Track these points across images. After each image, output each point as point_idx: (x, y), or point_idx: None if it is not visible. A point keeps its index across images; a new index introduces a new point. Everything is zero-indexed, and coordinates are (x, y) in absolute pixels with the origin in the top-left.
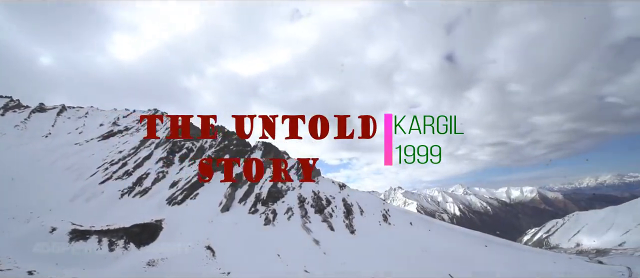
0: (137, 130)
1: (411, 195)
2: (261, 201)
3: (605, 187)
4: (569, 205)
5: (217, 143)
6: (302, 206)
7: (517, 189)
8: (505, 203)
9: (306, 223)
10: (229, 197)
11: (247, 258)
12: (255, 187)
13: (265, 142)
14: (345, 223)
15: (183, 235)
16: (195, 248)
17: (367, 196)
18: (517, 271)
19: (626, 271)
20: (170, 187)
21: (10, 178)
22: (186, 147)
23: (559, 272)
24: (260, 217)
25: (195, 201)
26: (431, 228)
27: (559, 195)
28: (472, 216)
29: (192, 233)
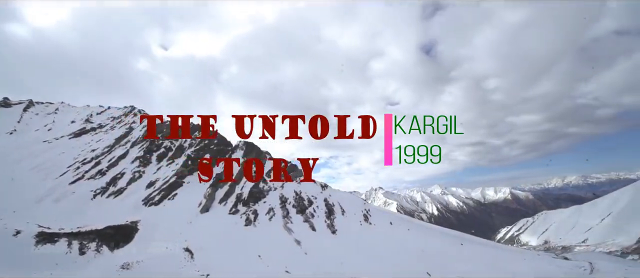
0: (111, 127)
1: (391, 196)
2: (242, 201)
3: (571, 187)
4: (538, 205)
5: (197, 143)
6: (283, 206)
7: (491, 189)
8: (480, 203)
9: (288, 223)
10: (208, 198)
11: (227, 260)
12: (236, 188)
13: (247, 142)
14: (327, 223)
15: (160, 237)
16: (173, 250)
17: (348, 196)
18: (490, 268)
19: (588, 266)
20: (147, 187)
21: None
22: (164, 146)
23: (529, 268)
24: (241, 218)
25: (173, 202)
26: (410, 228)
27: (529, 195)
28: (449, 215)
29: (169, 235)
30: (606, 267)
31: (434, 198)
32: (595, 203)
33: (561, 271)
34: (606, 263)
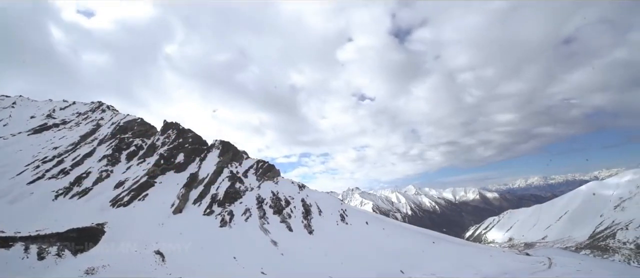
0: (77, 124)
1: (368, 196)
2: (217, 202)
3: (533, 187)
4: (504, 204)
5: (171, 141)
6: (260, 207)
7: (462, 190)
8: (451, 203)
9: (264, 224)
10: (182, 198)
11: (200, 262)
12: (212, 188)
13: (224, 141)
14: (304, 223)
15: (129, 240)
16: (143, 252)
17: (325, 196)
18: (459, 265)
19: (547, 261)
20: (116, 188)
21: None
22: (135, 145)
23: (495, 265)
24: (216, 219)
25: (144, 202)
26: (385, 227)
27: (496, 195)
28: (422, 215)
29: (139, 237)
30: (562, 261)
31: (409, 199)
32: (553, 203)
33: (523, 266)
34: (562, 258)
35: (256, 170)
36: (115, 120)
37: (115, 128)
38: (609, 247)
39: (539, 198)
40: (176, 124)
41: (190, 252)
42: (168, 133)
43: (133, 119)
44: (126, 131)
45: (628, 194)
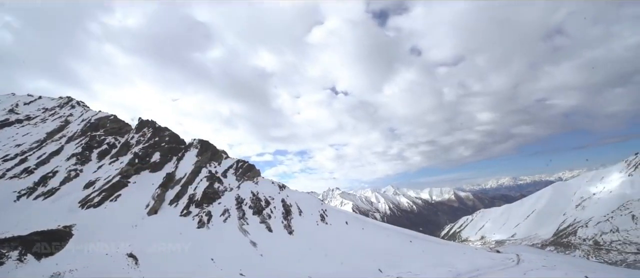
0: (43, 120)
1: (348, 196)
2: (195, 203)
3: (503, 188)
4: (477, 204)
5: (146, 140)
6: (239, 207)
7: (438, 190)
8: (428, 203)
9: (243, 225)
10: (157, 199)
11: (176, 264)
12: (189, 188)
13: (202, 140)
14: (284, 224)
15: (100, 243)
16: (114, 256)
17: (306, 197)
18: (435, 263)
19: (516, 257)
20: (85, 188)
21: None
22: (107, 143)
23: (468, 262)
24: (193, 220)
25: (116, 203)
26: (364, 227)
27: (469, 195)
28: (400, 214)
29: (111, 240)
30: (529, 258)
31: (387, 199)
32: (522, 203)
33: (494, 263)
34: (529, 254)
35: (236, 170)
36: (85, 116)
37: (85, 125)
38: (571, 244)
39: (509, 198)
40: (152, 122)
41: (165, 254)
42: (143, 131)
43: (105, 115)
44: (98, 128)
45: (588, 194)
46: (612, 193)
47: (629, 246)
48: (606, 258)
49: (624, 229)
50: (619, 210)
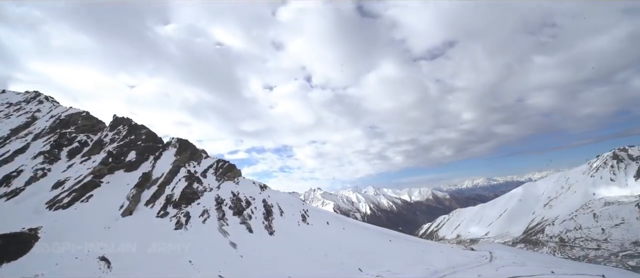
0: (7, 115)
1: (329, 196)
2: (173, 203)
3: (478, 188)
4: (453, 204)
5: (121, 138)
6: (219, 208)
7: (416, 190)
8: (407, 203)
9: (223, 225)
10: (132, 199)
11: (151, 268)
12: (167, 188)
13: (181, 139)
14: (265, 224)
15: (69, 246)
16: (85, 260)
17: (287, 197)
18: (413, 261)
19: (489, 255)
20: (54, 188)
21: None
22: (79, 141)
23: (444, 260)
24: (170, 221)
25: (87, 204)
26: (345, 227)
27: (446, 195)
28: (380, 214)
29: (81, 242)
30: (501, 254)
31: (368, 199)
32: (495, 203)
33: (468, 261)
34: (501, 251)
35: (216, 169)
36: (55, 112)
37: (54, 121)
38: (539, 241)
39: (484, 198)
40: (128, 120)
41: (140, 257)
42: (118, 129)
43: (77, 112)
44: (68, 125)
45: (555, 194)
46: (576, 193)
47: (590, 242)
48: (570, 254)
49: (586, 227)
50: (582, 209)
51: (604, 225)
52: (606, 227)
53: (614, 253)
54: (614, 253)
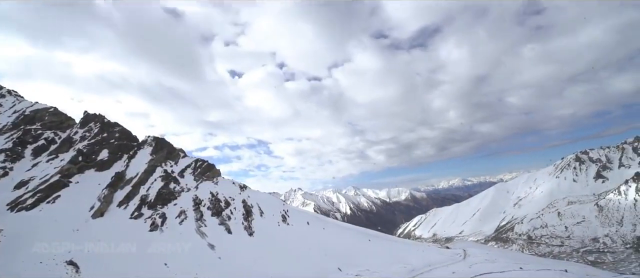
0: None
1: (310, 196)
2: (148, 204)
3: (454, 188)
4: (430, 203)
5: (93, 135)
6: (197, 209)
7: (395, 190)
8: (386, 203)
9: (201, 226)
10: (104, 200)
11: (123, 271)
12: (141, 188)
13: (157, 138)
14: (244, 225)
15: (33, 250)
16: (50, 264)
17: (267, 197)
18: (392, 260)
19: (463, 253)
20: (16, 188)
21: None
22: (45, 138)
23: (420, 258)
24: (145, 222)
25: (54, 206)
26: (325, 227)
27: (424, 195)
28: (360, 214)
29: (47, 246)
30: (474, 252)
31: (348, 199)
32: (469, 202)
33: (444, 258)
34: (474, 249)
35: (194, 169)
36: (19, 107)
37: (18, 117)
38: (509, 239)
39: (459, 198)
40: (100, 117)
41: (111, 261)
42: (89, 126)
43: (44, 107)
44: (34, 121)
45: (524, 194)
46: (543, 193)
47: (555, 239)
48: (537, 250)
49: (552, 225)
50: (548, 208)
51: (567, 223)
52: (569, 224)
53: (576, 249)
54: (576, 249)
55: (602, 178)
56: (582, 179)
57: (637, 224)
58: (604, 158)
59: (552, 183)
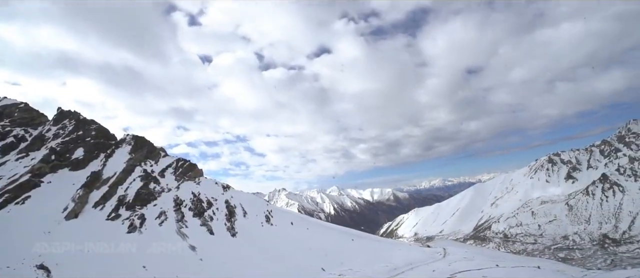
0: None
1: (294, 197)
2: (126, 205)
3: (435, 188)
4: (412, 203)
5: (67, 133)
6: (178, 209)
7: (378, 190)
8: (369, 203)
9: (182, 228)
10: (79, 201)
11: (99, 275)
12: (119, 189)
13: (137, 136)
14: (227, 225)
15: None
16: (19, 268)
17: (251, 197)
18: (374, 259)
19: (443, 251)
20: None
21: None
22: (14, 135)
23: (402, 256)
24: (123, 224)
25: (23, 207)
26: (309, 227)
27: (406, 195)
28: (344, 214)
29: (15, 250)
30: (454, 250)
31: (332, 199)
32: (449, 202)
33: (425, 257)
34: (454, 248)
35: (175, 169)
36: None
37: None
38: (486, 237)
39: (439, 198)
40: (76, 113)
41: (85, 264)
42: (64, 123)
43: (13, 103)
44: (2, 117)
45: (500, 194)
46: (518, 193)
47: (528, 237)
48: (512, 248)
49: (526, 223)
50: (523, 207)
51: (540, 221)
52: (542, 223)
53: (548, 246)
54: (548, 246)
55: (572, 179)
56: (554, 180)
57: (603, 222)
58: (574, 160)
59: (526, 183)
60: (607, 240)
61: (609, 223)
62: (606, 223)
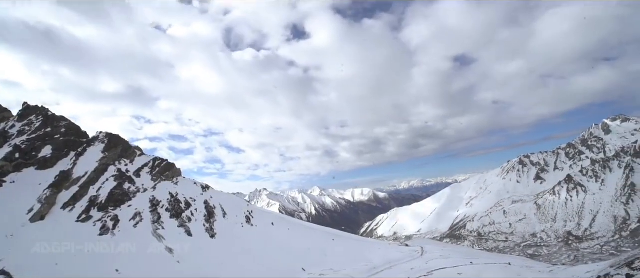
0: None
1: (275, 197)
2: (98, 206)
3: (414, 189)
4: (392, 203)
5: (34, 130)
6: (154, 210)
7: (359, 191)
8: (350, 203)
9: (158, 229)
10: (46, 202)
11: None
12: (91, 189)
13: (111, 134)
14: (206, 227)
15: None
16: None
17: (231, 198)
18: (354, 258)
19: (420, 249)
20: None
21: None
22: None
23: (381, 256)
24: (94, 226)
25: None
26: (290, 228)
27: (386, 195)
28: (325, 214)
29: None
30: (431, 249)
31: (313, 199)
32: (427, 202)
33: (403, 256)
34: (431, 246)
35: (152, 168)
36: None
37: None
38: (462, 236)
39: (418, 198)
40: (43, 109)
41: (52, 268)
42: (30, 119)
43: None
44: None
45: (475, 194)
46: (491, 193)
47: (500, 235)
48: (485, 246)
49: (498, 222)
50: (495, 206)
51: (511, 220)
52: (512, 222)
53: (518, 243)
54: (518, 243)
55: (540, 180)
56: (524, 180)
57: (567, 221)
58: (542, 162)
59: (499, 184)
60: (571, 237)
61: (572, 221)
62: (570, 222)
